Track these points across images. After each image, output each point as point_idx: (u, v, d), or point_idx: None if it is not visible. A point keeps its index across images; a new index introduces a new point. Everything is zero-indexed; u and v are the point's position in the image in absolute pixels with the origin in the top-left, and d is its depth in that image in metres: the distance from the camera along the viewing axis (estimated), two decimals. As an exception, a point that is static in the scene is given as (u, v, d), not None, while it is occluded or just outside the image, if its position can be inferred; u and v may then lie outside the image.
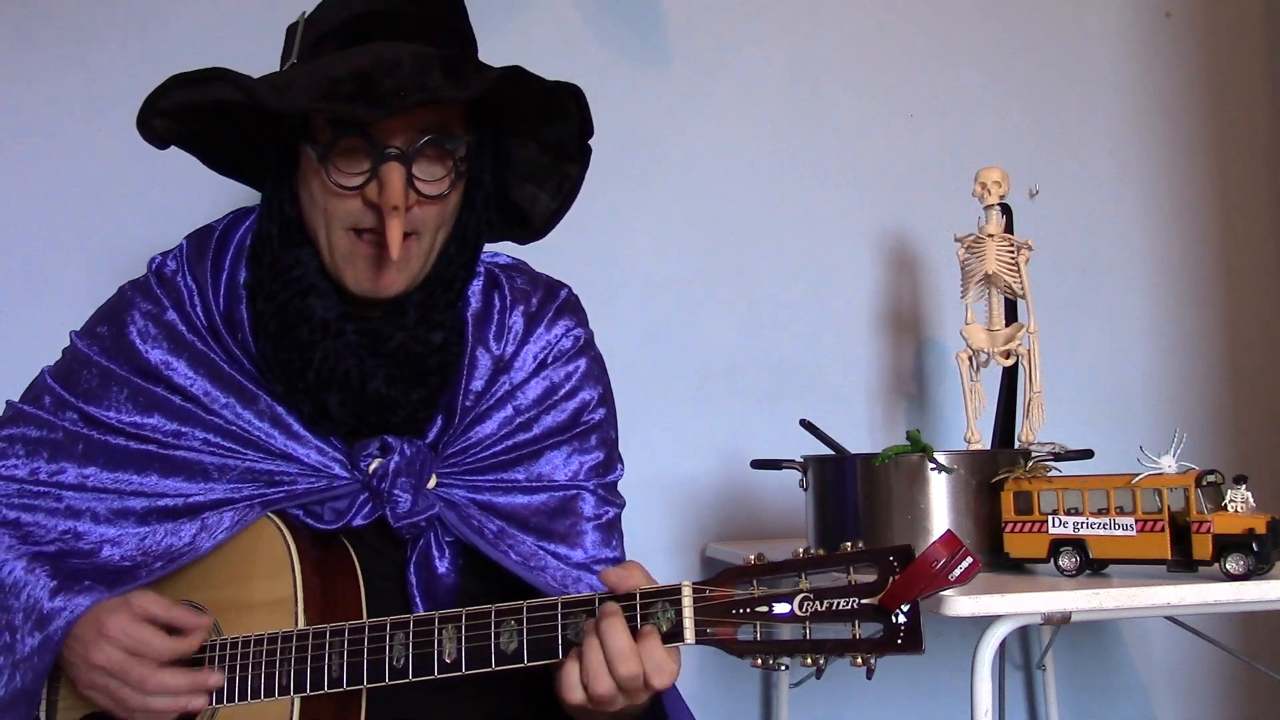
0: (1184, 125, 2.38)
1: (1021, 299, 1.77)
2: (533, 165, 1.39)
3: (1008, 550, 1.50)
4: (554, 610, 1.10)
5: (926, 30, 2.31)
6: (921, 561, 0.95)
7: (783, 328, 2.22)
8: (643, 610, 1.06)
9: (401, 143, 1.21)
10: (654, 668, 1.05)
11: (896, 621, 0.96)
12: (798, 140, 2.25)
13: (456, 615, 1.13)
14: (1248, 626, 2.31)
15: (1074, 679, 2.27)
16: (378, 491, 1.27)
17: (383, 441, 1.27)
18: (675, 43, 2.21)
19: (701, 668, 2.12)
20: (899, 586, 0.96)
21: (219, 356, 1.32)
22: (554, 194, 1.41)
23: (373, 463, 1.27)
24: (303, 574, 1.21)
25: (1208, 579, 1.36)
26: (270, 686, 1.18)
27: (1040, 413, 1.73)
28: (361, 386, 1.26)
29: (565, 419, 1.36)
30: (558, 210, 1.42)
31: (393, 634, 1.15)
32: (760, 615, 1.00)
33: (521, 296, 1.39)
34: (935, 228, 2.16)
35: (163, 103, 1.25)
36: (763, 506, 2.16)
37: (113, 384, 1.33)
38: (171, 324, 1.34)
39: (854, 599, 0.97)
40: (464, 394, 1.32)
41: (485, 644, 1.11)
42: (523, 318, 1.38)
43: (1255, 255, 2.38)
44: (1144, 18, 2.38)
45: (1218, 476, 1.41)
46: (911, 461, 1.55)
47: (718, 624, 1.02)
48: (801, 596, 0.99)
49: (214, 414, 1.30)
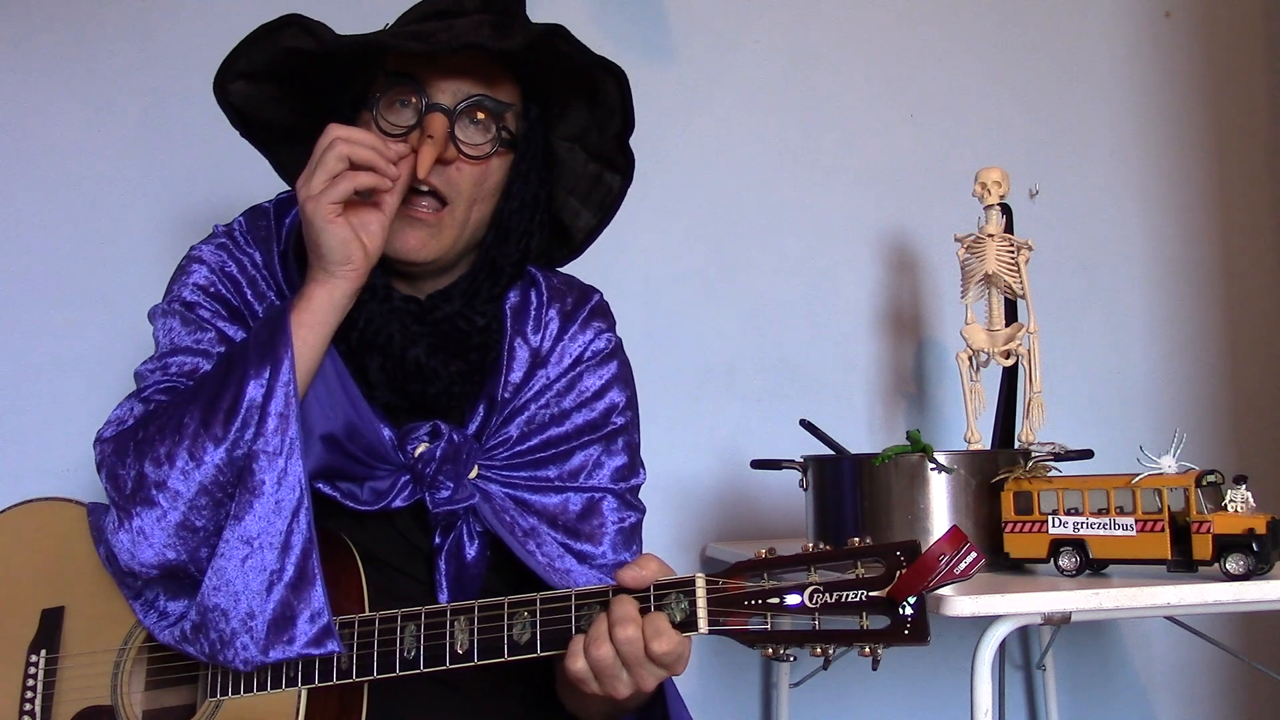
0: (1184, 125, 2.38)
1: (1021, 299, 1.77)
2: (577, 175, 1.44)
3: (1008, 550, 1.50)
4: (568, 601, 1.11)
5: (926, 30, 2.31)
6: (928, 556, 0.98)
7: (783, 328, 2.22)
8: (656, 602, 1.08)
9: (448, 99, 1.28)
10: (653, 632, 1.06)
11: (903, 613, 1.00)
12: (798, 140, 2.25)
13: (469, 607, 1.14)
14: (1248, 626, 2.31)
15: (1074, 679, 2.27)
16: (421, 475, 1.28)
17: (434, 427, 1.29)
18: (676, 42, 2.21)
19: (702, 667, 2.12)
20: (906, 579, 0.99)
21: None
22: (595, 209, 1.45)
23: (419, 446, 1.28)
24: None
25: (1208, 579, 1.36)
26: (277, 679, 1.18)
27: (1040, 413, 1.73)
28: (403, 352, 1.28)
29: (595, 418, 1.38)
30: (597, 226, 1.46)
31: (404, 626, 1.15)
32: (771, 606, 1.03)
33: (557, 295, 1.41)
34: (935, 228, 2.16)
35: (239, 64, 1.31)
36: (763, 506, 2.16)
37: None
38: (252, 279, 1.36)
39: (862, 591, 1.01)
40: (504, 385, 1.34)
41: (498, 635, 1.12)
42: (559, 315, 1.40)
43: (1255, 255, 2.38)
44: (1144, 17, 2.38)
45: (1218, 476, 1.41)
46: (911, 461, 1.55)
47: (730, 614, 1.05)
48: (812, 589, 1.02)
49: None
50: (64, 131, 2.02)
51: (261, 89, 1.35)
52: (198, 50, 2.10)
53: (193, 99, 2.09)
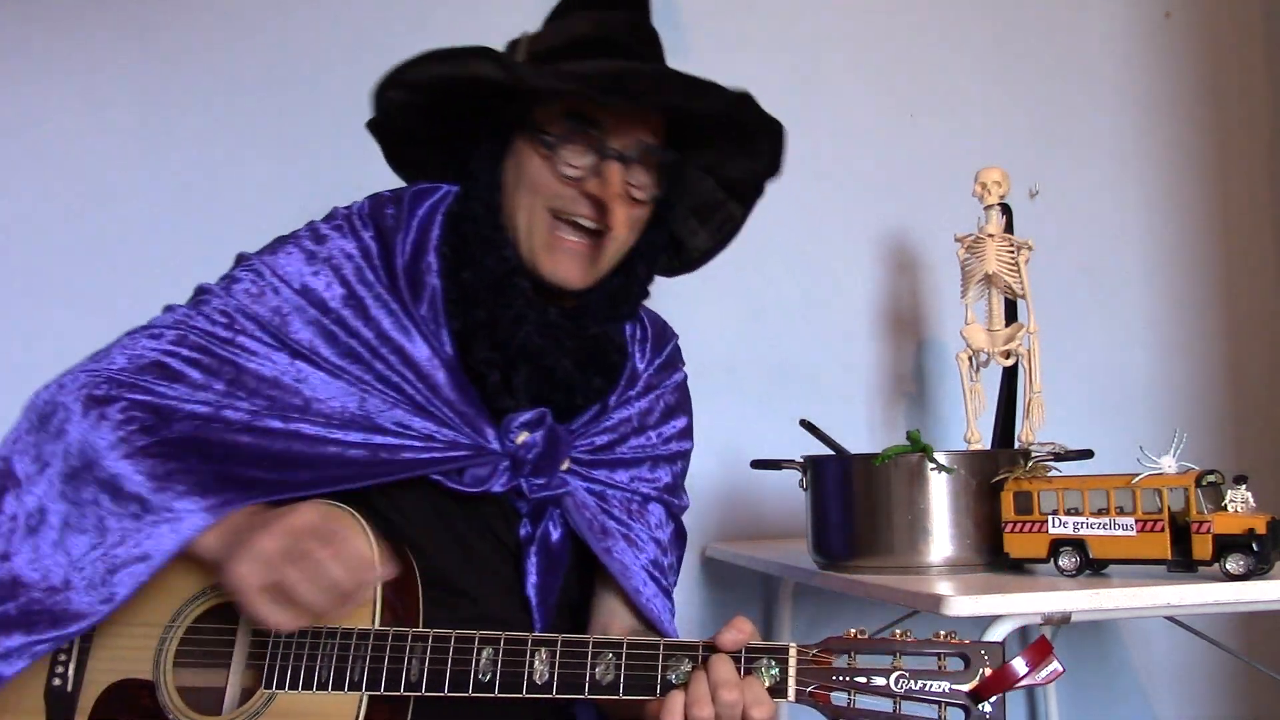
0: (1184, 125, 2.38)
1: (1021, 299, 1.77)
2: (702, 199, 1.49)
3: (1008, 550, 1.49)
4: (655, 650, 1.14)
5: (927, 31, 2.31)
6: (1014, 664, 1.05)
7: (783, 328, 2.22)
8: (748, 665, 1.12)
9: (622, 146, 1.32)
10: (753, 699, 1.10)
11: (982, 710, 1.06)
12: (798, 140, 2.23)
13: (552, 640, 1.16)
14: (1248, 626, 2.31)
15: (1074, 679, 2.27)
16: (521, 462, 1.32)
17: (539, 414, 1.33)
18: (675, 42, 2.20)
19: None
20: (990, 681, 1.06)
21: (398, 308, 1.35)
22: (714, 232, 1.51)
23: (521, 434, 1.32)
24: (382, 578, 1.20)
25: (1208, 579, 1.36)
26: (340, 680, 1.18)
27: (1040, 413, 1.73)
28: (554, 365, 1.33)
29: (661, 438, 1.47)
30: (713, 249, 1.53)
31: (480, 648, 1.17)
32: (858, 685, 1.09)
33: (655, 324, 1.51)
34: (935, 228, 2.16)
35: (411, 75, 1.33)
36: (763, 506, 2.16)
37: (293, 314, 1.34)
38: (360, 269, 1.36)
39: (947, 683, 1.07)
40: (617, 396, 1.42)
41: (580, 672, 1.15)
42: (652, 346, 1.49)
43: (1255, 255, 2.38)
44: (1144, 18, 2.38)
45: (1218, 476, 1.41)
46: (911, 461, 1.55)
47: (817, 685, 1.10)
48: (898, 674, 1.08)
49: (381, 359, 1.33)
50: (64, 131, 2.02)
51: (415, 97, 1.36)
52: (198, 50, 2.11)
53: (193, 99, 2.09)
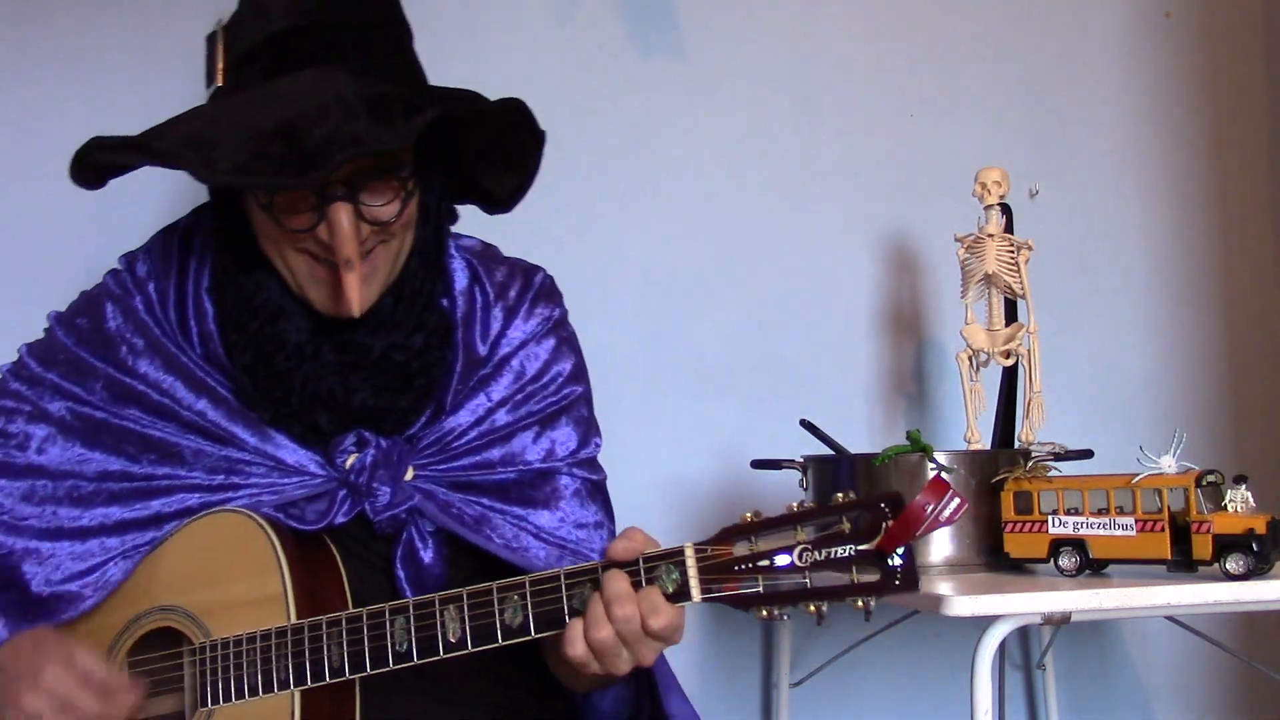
0: (1184, 125, 2.38)
1: (1021, 299, 1.77)
2: (487, 150, 1.35)
3: (1008, 550, 1.50)
4: (557, 581, 1.11)
5: (926, 31, 2.31)
6: (914, 505, 1.00)
7: (783, 328, 2.22)
8: (647, 575, 1.08)
9: (344, 176, 1.18)
10: (649, 608, 1.06)
11: (893, 564, 1.01)
12: (798, 139, 2.25)
13: (457, 595, 1.14)
14: (1248, 626, 2.30)
15: (1074, 679, 2.27)
16: (356, 487, 1.27)
17: (359, 436, 1.28)
18: (675, 42, 2.21)
19: (702, 668, 2.12)
20: (894, 531, 1.01)
21: (191, 361, 1.31)
22: (515, 170, 1.35)
23: (349, 458, 1.27)
24: (290, 569, 1.20)
25: (1208, 579, 1.36)
26: (269, 682, 1.17)
27: (1040, 413, 1.73)
28: (347, 402, 1.26)
29: (536, 405, 1.37)
30: (521, 185, 1.36)
31: (393, 619, 1.15)
32: (762, 569, 1.04)
33: (500, 291, 1.39)
34: (935, 228, 2.16)
35: (88, 161, 1.25)
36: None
37: (88, 375, 1.33)
38: (145, 324, 1.34)
39: (851, 545, 1.02)
40: (453, 393, 1.33)
41: (490, 621, 1.12)
42: (503, 312, 1.38)
43: (1255, 255, 2.38)
44: (1144, 17, 2.38)
45: (1218, 476, 1.42)
46: (911, 461, 1.56)
47: (722, 581, 1.05)
48: (800, 548, 1.04)
49: (189, 410, 1.30)
50: (64, 131, 2.02)
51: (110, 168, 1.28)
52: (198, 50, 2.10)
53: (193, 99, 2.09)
